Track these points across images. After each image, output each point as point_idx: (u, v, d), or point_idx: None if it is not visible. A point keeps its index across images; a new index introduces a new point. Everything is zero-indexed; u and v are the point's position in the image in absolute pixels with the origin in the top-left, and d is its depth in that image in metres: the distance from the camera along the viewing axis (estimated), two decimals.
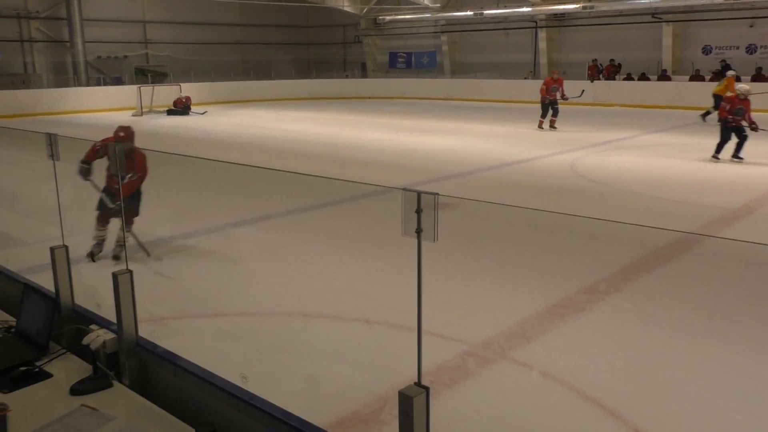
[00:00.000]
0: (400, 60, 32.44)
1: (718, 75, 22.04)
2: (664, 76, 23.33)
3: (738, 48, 22.64)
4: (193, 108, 21.38)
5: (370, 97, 27.98)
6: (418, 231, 2.17)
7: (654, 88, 22.68)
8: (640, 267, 5.72)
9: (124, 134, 5.66)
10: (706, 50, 23.43)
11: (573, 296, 5.01)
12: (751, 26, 22.06)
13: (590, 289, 5.14)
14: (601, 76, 24.53)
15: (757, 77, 21.32)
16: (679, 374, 3.87)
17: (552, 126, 15.97)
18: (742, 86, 11.43)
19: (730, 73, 17.63)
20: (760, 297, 5.02)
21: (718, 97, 17.01)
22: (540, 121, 16.21)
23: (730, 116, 11.01)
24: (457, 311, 4.79)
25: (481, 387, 3.73)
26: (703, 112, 17.46)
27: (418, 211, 2.15)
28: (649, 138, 14.49)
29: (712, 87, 18.00)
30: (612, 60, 24.68)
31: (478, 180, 9.90)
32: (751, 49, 22.42)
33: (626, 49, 24.60)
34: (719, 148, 11.15)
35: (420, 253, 2.73)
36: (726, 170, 10.53)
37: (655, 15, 23.48)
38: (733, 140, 11.05)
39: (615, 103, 22.29)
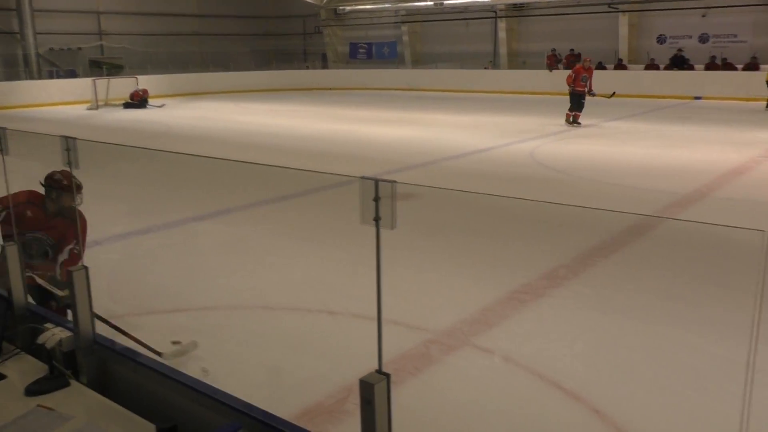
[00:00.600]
0: (360, 51, 32.34)
1: (673, 64, 22.59)
2: (620, 65, 23.78)
3: (691, 37, 23.20)
4: (151, 101, 20.98)
5: (331, 89, 27.84)
6: (376, 219, 2.18)
7: (611, 77, 23.07)
8: (598, 252, 5.85)
9: (68, 182, 3.48)
10: (661, 39, 23.94)
11: (534, 282, 5.09)
12: (704, 16, 22.61)
13: (550, 275, 5.23)
14: (560, 65, 24.88)
15: (711, 66, 21.90)
16: (636, 355, 3.97)
17: (575, 121, 14.49)
18: None
19: None
20: (713, 277, 5.18)
21: None
22: (568, 114, 14.72)
23: None
24: (421, 300, 4.82)
25: (445, 374, 3.77)
26: (765, 104, 17.61)
27: (376, 199, 2.15)
28: (607, 126, 14.76)
29: (761, 75, 18.51)
30: (572, 49, 25.04)
31: (440, 169, 9.96)
32: (703, 39, 22.99)
33: (584, 39, 24.98)
34: None
35: (378, 240, 2.74)
36: (680, 156, 10.81)
37: (612, 5, 23.89)
38: None
39: None
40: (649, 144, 12.12)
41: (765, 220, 6.71)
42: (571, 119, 14.60)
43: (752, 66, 21.11)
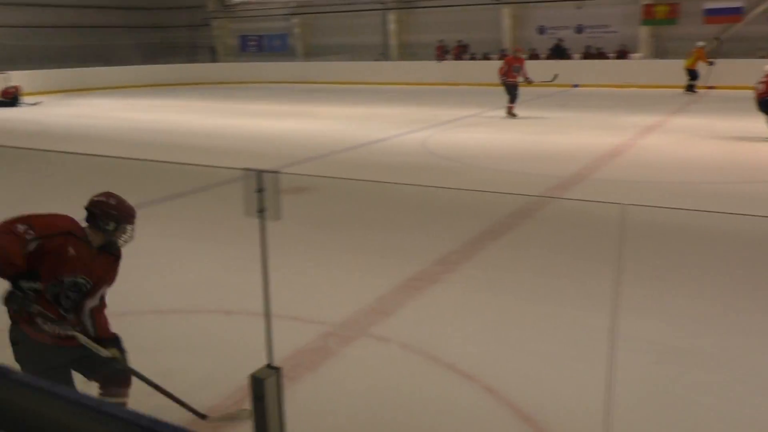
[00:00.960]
0: (251, 43, 31.68)
1: (553, 53, 23.73)
2: (503, 56, 24.68)
3: (569, 28, 24.48)
4: (24, 98, 19.55)
5: (221, 83, 27.12)
6: (260, 211, 2.15)
7: (495, 68, 23.87)
8: (488, 235, 6.08)
9: (128, 211, 2.94)
10: (541, 31, 25.09)
11: (428, 269, 5.22)
12: (579, 8, 23.89)
13: (443, 260, 5.38)
14: (448, 56, 25.54)
15: (587, 55, 23.22)
16: (524, 332, 4.17)
17: (511, 113, 14.22)
18: None
19: (699, 43, 18.59)
20: (591, 253, 5.52)
21: (691, 72, 18.24)
22: (509, 107, 14.28)
23: None
24: (318, 293, 4.82)
25: (343, 366, 3.80)
26: (684, 89, 18.50)
27: (259, 191, 2.13)
28: (493, 114, 15.30)
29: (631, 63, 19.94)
30: (460, 41, 25.74)
31: (334, 162, 9.98)
32: (579, 29, 24.33)
33: (470, 30, 25.74)
34: None
35: (264, 231, 2.71)
36: (561, 141, 11.40)
37: None
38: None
39: (462, 83, 23.31)
40: (533, 130, 12.71)
41: (636, 198, 7.22)
42: (510, 111, 14.29)
43: (622, 54, 22.65)
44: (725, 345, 3.98)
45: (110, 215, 2.81)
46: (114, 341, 2.88)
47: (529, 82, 14.25)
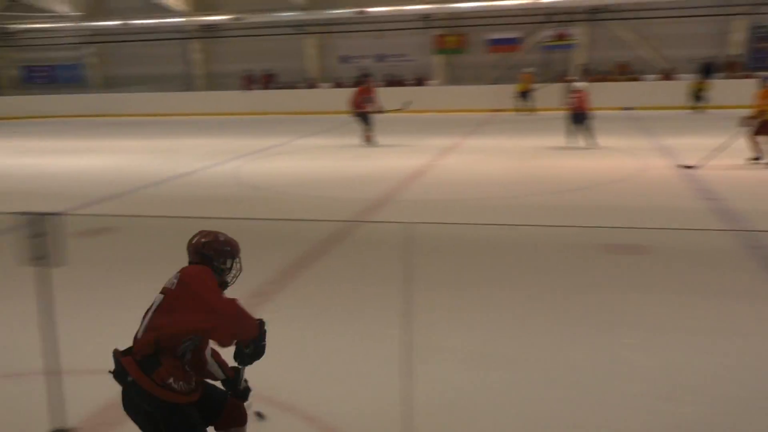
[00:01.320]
0: (38, 74, 29.09)
1: (359, 81, 24.60)
2: (310, 85, 25.22)
3: (370, 57, 25.63)
4: None
5: (2, 118, 24.49)
6: (40, 258, 1.98)
7: (302, 96, 24.40)
8: (301, 263, 6.09)
9: (236, 245, 2.82)
10: (345, 60, 25.98)
11: (244, 301, 5.07)
12: (379, 38, 25.12)
13: (258, 292, 5.28)
14: (255, 86, 25.48)
15: (389, 83, 24.42)
16: (339, 357, 4.22)
17: (368, 141, 14.29)
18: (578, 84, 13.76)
19: (527, 69, 20.93)
20: (395, 272, 5.74)
21: (524, 94, 20.60)
22: (368, 136, 14.29)
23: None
24: (121, 341, 4.45)
25: None
26: (515, 111, 20.68)
27: (37, 236, 1.96)
28: (302, 142, 15.51)
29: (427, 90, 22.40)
30: (267, 70, 25.78)
31: (138, 199, 9.42)
32: (380, 58, 25.58)
33: (276, 60, 25.93)
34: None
35: (48, 280, 2.46)
36: (368, 165, 11.83)
37: (297, 26, 25.18)
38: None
39: (270, 112, 23.34)
40: (341, 157, 13.07)
41: (437, 215, 7.69)
42: (369, 140, 14.33)
43: (420, 81, 24.27)
44: (521, 348, 4.33)
45: (225, 252, 2.66)
46: (236, 370, 2.83)
47: (380, 111, 14.65)
